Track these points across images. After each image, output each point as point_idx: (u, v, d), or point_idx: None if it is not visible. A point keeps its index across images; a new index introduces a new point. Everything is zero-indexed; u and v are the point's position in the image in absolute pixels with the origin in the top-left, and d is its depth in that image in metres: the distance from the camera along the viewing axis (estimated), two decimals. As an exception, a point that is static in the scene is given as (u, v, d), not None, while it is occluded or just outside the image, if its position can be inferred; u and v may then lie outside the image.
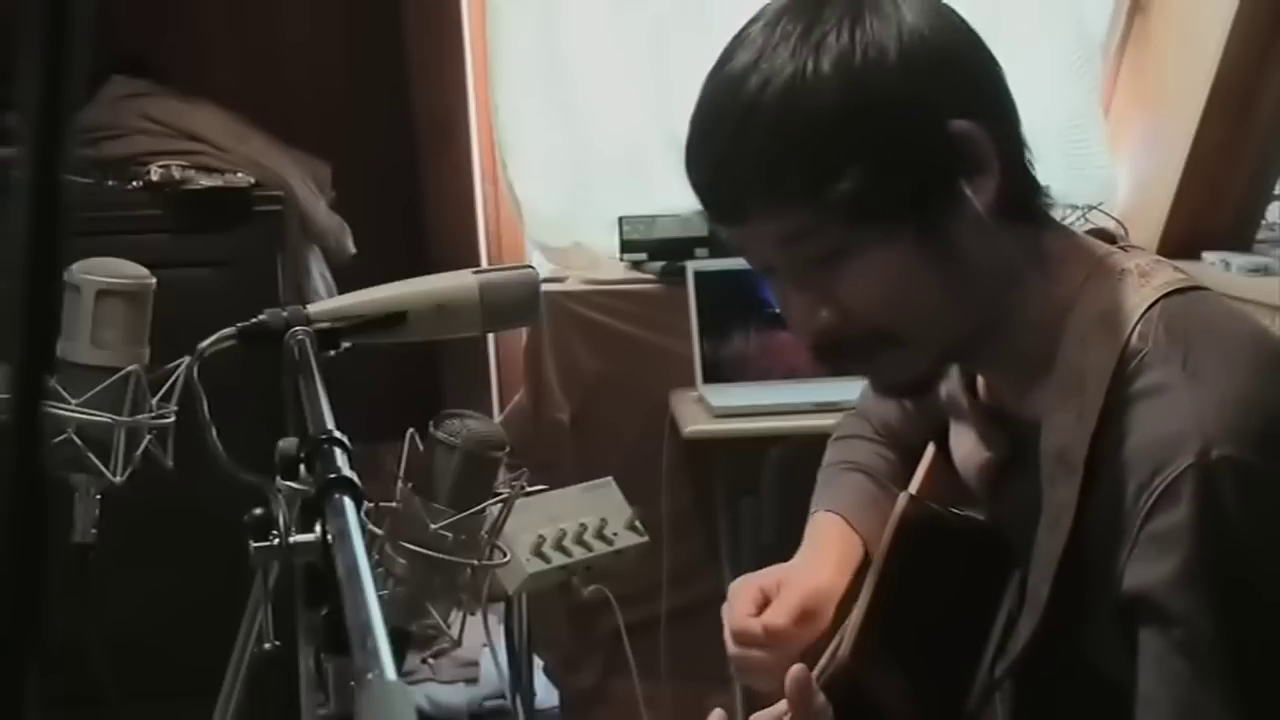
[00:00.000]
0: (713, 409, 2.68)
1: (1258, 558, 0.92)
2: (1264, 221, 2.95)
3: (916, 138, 0.98)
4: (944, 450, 1.23)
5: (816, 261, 1.01)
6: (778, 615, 1.20)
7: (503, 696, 2.50)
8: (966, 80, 1.02)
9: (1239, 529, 0.91)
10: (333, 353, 1.07)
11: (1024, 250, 1.04)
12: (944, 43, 1.00)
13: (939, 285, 1.01)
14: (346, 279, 2.50)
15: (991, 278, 1.03)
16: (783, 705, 1.11)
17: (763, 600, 1.22)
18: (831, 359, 1.06)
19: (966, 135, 0.99)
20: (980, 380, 1.15)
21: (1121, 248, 1.07)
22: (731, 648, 1.21)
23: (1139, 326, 0.99)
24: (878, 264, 1.00)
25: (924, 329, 1.03)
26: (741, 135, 0.99)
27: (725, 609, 1.24)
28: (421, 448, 1.06)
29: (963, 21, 1.04)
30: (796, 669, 1.08)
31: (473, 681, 2.58)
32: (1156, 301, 1.00)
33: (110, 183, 2.46)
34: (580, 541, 1.86)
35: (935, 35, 1.00)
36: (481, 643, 2.27)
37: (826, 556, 1.27)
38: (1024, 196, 1.05)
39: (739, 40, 1.02)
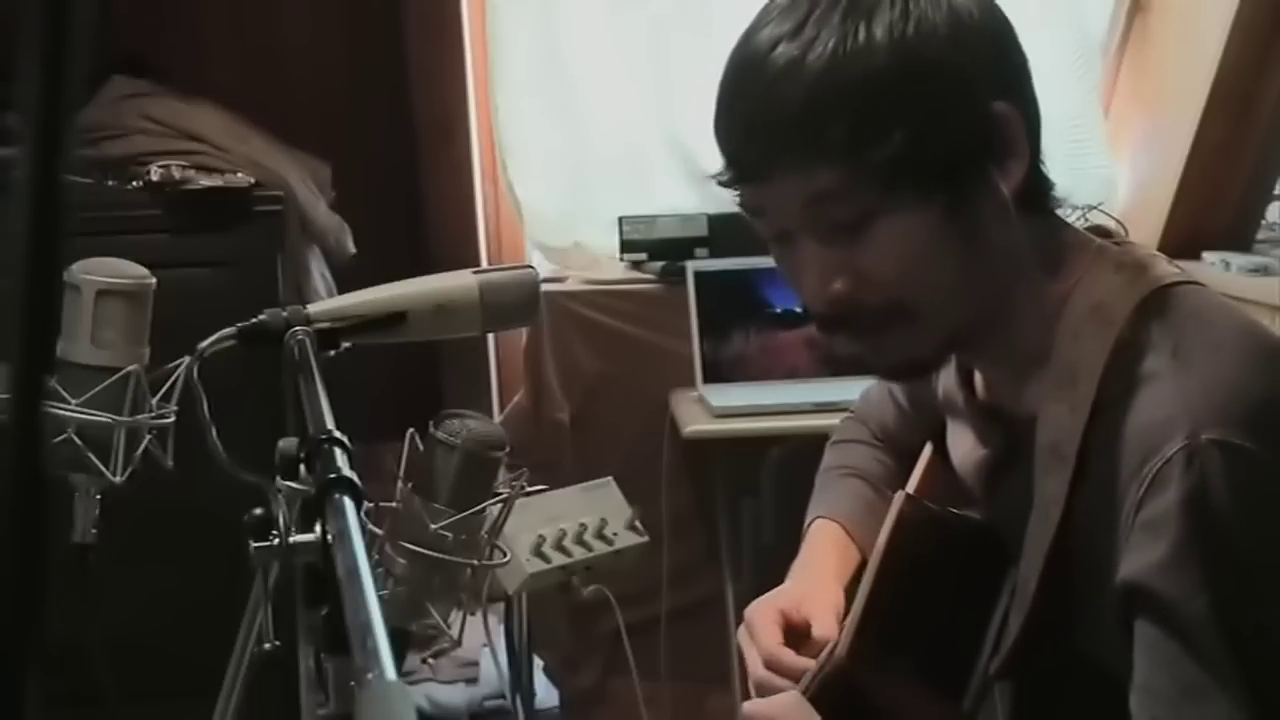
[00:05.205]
0: (713, 409, 2.68)
1: (1248, 538, 0.92)
2: (1264, 221, 2.95)
3: (962, 109, 0.99)
4: (941, 451, 1.23)
5: (842, 225, 1.00)
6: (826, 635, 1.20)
7: (503, 696, 2.50)
8: (1008, 65, 1.04)
9: (1228, 509, 0.91)
10: (333, 353, 1.07)
11: (1036, 242, 1.05)
12: (990, 26, 1.02)
13: (958, 262, 1.01)
14: (346, 279, 2.50)
15: (1005, 263, 1.03)
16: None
17: (784, 623, 1.22)
18: (839, 332, 1.05)
19: (1005, 117, 1.00)
20: (977, 378, 1.15)
21: (1116, 243, 1.08)
22: (760, 673, 1.19)
23: (1131, 319, 1.00)
24: (904, 231, 1.00)
25: (938, 304, 1.03)
26: (784, 89, 0.98)
27: (742, 634, 1.23)
28: (421, 448, 1.06)
29: (1002, 12, 1.05)
30: None
31: (473, 681, 2.57)
32: (1149, 295, 1.01)
33: (110, 183, 2.45)
34: (580, 541, 1.86)
35: (982, 17, 1.02)
36: (481, 643, 2.26)
37: (828, 570, 1.27)
38: (1041, 189, 1.07)
39: (767, 12, 1.02)
